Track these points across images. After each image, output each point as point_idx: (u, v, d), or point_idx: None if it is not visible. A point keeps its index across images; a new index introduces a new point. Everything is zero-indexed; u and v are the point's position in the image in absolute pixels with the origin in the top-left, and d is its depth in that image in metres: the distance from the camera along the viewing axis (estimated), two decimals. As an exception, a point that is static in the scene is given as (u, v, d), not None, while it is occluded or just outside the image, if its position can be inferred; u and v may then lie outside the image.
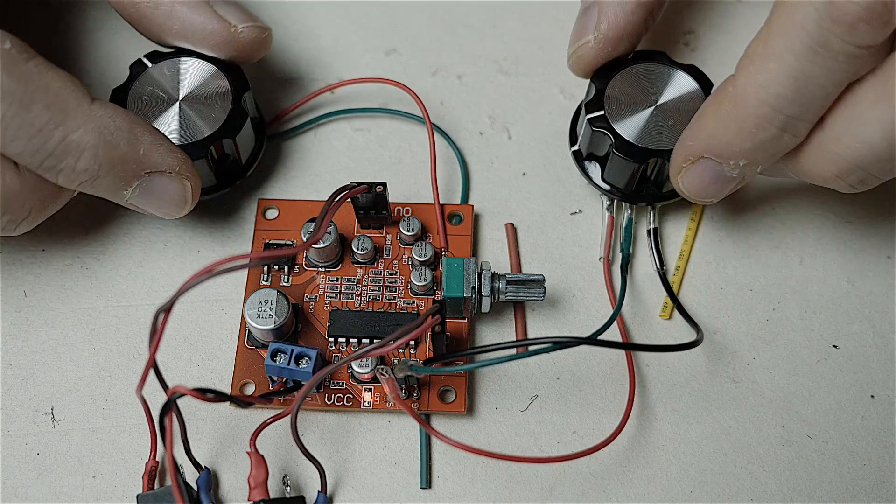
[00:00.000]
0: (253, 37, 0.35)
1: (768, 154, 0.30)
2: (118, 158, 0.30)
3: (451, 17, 0.42)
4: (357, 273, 0.35)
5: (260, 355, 0.33)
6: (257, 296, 0.32)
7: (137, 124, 0.31)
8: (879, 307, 0.36)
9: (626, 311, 0.35)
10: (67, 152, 0.29)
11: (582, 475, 0.32)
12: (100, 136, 0.30)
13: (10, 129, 0.28)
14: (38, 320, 0.35)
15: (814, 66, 0.27)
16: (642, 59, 0.35)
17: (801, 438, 0.33)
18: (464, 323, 0.34)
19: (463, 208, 0.37)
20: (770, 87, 0.28)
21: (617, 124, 0.34)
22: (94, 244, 0.36)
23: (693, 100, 0.34)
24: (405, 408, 0.29)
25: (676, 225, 0.37)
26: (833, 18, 0.26)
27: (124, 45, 0.40)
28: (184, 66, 0.35)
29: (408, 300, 0.34)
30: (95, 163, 0.30)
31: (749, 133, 0.29)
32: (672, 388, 0.34)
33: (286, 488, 0.32)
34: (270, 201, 0.37)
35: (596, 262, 0.36)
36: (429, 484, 0.32)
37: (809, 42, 0.27)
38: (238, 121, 0.34)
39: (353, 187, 0.32)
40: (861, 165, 0.29)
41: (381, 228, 0.36)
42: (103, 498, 0.32)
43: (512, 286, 0.33)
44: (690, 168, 0.32)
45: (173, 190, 0.32)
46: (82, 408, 0.33)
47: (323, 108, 0.39)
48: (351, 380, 0.33)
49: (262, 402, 0.31)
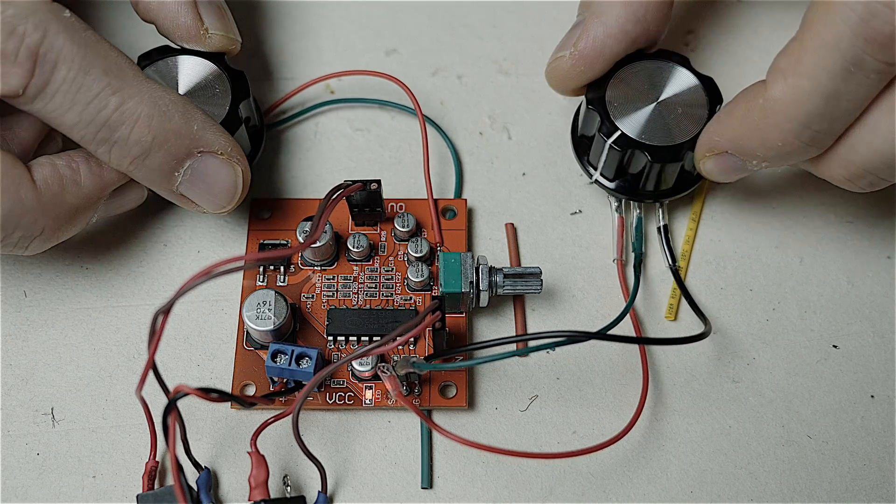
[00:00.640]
0: (220, 45, 0.35)
1: (790, 160, 0.31)
2: (172, 132, 0.30)
3: (451, 17, 0.42)
4: (353, 271, 0.35)
5: (259, 356, 0.33)
6: (255, 297, 0.32)
7: (190, 102, 0.31)
8: (879, 307, 0.36)
9: (633, 311, 0.35)
10: (122, 121, 0.29)
11: (582, 475, 0.32)
12: (154, 106, 0.30)
13: (68, 93, 0.28)
14: (38, 320, 0.35)
15: (847, 84, 0.28)
16: (661, 56, 0.35)
17: (801, 438, 0.33)
18: (462, 318, 0.34)
19: (456, 202, 0.37)
20: (802, 105, 0.29)
21: (618, 119, 0.34)
22: (94, 244, 0.36)
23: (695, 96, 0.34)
24: (407, 404, 0.29)
25: (676, 225, 0.37)
26: (867, 38, 0.27)
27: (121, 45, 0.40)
28: (184, 64, 0.35)
29: (405, 296, 0.34)
30: (149, 133, 0.30)
31: (775, 145, 0.30)
32: (672, 388, 0.34)
33: (287, 488, 0.32)
34: (263, 201, 0.37)
35: (596, 262, 0.36)
36: (430, 484, 0.32)
37: (844, 62, 0.27)
38: (231, 126, 0.34)
39: (348, 186, 0.32)
40: (871, 171, 0.30)
41: (375, 225, 0.36)
42: (103, 498, 0.32)
43: (509, 279, 0.33)
44: (713, 158, 0.33)
45: (225, 175, 0.32)
46: (82, 408, 0.33)
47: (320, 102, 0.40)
48: (352, 378, 0.33)
49: (265, 403, 0.31)
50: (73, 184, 0.31)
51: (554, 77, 0.35)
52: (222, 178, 0.32)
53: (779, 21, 0.41)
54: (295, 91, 0.38)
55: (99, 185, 0.31)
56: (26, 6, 0.27)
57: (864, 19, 0.27)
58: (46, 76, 0.28)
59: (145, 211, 0.36)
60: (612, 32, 0.33)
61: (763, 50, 0.41)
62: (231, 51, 0.35)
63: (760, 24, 0.42)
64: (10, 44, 0.27)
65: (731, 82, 0.36)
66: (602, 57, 0.34)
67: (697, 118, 0.34)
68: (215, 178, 0.32)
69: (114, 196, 0.33)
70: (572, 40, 0.34)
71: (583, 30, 0.34)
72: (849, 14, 0.27)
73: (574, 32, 0.35)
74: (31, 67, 0.28)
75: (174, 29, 0.34)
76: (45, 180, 0.30)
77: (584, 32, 0.34)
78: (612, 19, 0.33)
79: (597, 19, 0.34)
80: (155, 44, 0.35)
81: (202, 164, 0.31)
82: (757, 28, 0.42)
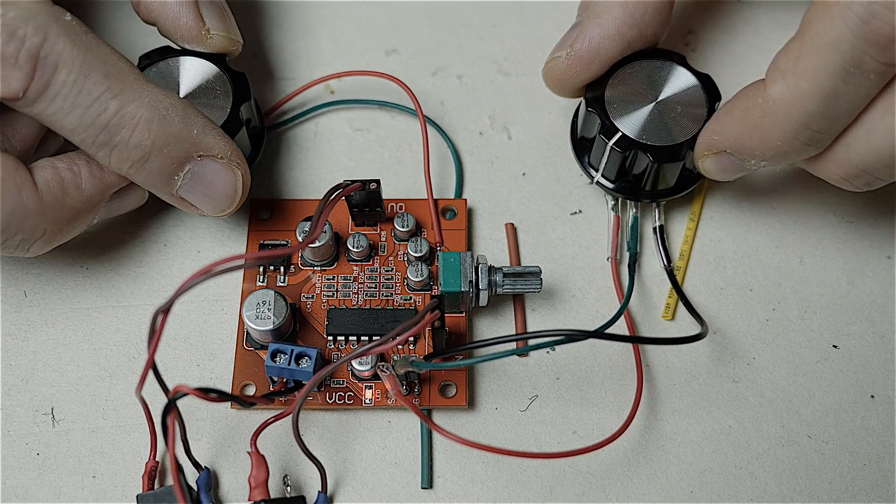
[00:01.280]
0: (221, 46, 0.35)
1: (788, 160, 0.31)
2: (172, 136, 0.30)
3: (451, 17, 0.42)
4: (353, 271, 0.35)
5: (259, 356, 0.33)
6: (255, 297, 0.32)
7: (190, 106, 0.31)
8: (879, 307, 0.36)
9: (630, 311, 0.35)
10: (122, 125, 0.29)
11: (582, 475, 0.32)
12: (154, 110, 0.30)
13: (69, 97, 0.28)
14: (38, 320, 0.35)
15: (846, 85, 0.28)
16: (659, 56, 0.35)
17: (801, 438, 0.33)
18: (461, 317, 0.34)
19: (456, 202, 0.37)
20: (801, 105, 0.29)
21: (617, 120, 0.34)
22: (94, 244, 0.36)
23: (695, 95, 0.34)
24: (407, 403, 0.29)
25: (676, 225, 0.37)
26: (867, 39, 0.27)
27: (122, 45, 0.40)
28: (185, 65, 0.35)
29: (405, 296, 0.34)
30: (149, 137, 0.30)
31: (774, 145, 0.30)
32: (672, 388, 0.34)
33: (286, 488, 0.32)
34: (263, 202, 0.37)
35: (596, 262, 0.36)
36: (430, 484, 0.32)
37: (843, 63, 0.28)
38: (232, 129, 0.34)
39: (347, 185, 0.32)
40: (868, 170, 0.30)
41: (375, 225, 0.36)
42: (103, 498, 0.32)
43: (509, 279, 0.33)
44: (712, 157, 0.33)
45: (224, 178, 0.32)
46: (82, 408, 0.33)
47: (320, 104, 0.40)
48: (351, 378, 0.33)
49: (264, 403, 0.31)
50: (75, 187, 0.31)
51: (550, 77, 0.36)
52: (222, 182, 0.32)
53: (779, 21, 0.41)
54: (295, 93, 0.39)
55: (100, 187, 0.31)
56: (27, 8, 0.27)
57: (863, 20, 0.27)
58: (47, 79, 0.28)
59: (145, 211, 0.36)
60: (609, 34, 0.34)
61: (763, 50, 0.40)
62: (232, 52, 0.35)
63: (760, 23, 0.42)
64: (10, 46, 0.27)
65: (731, 82, 0.36)
66: (598, 58, 0.34)
67: (697, 117, 0.34)
68: (215, 181, 0.32)
69: (114, 198, 0.33)
70: (569, 41, 0.34)
71: (580, 31, 0.34)
72: (848, 15, 0.27)
73: (571, 34, 0.35)
74: (32, 70, 0.28)
75: (175, 30, 0.34)
76: (46, 183, 0.30)
77: (580, 34, 0.34)
78: (609, 21, 0.34)
79: (594, 21, 0.34)
80: (156, 44, 0.35)
81: (202, 167, 0.31)
82: (757, 28, 0.42)
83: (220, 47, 0.35)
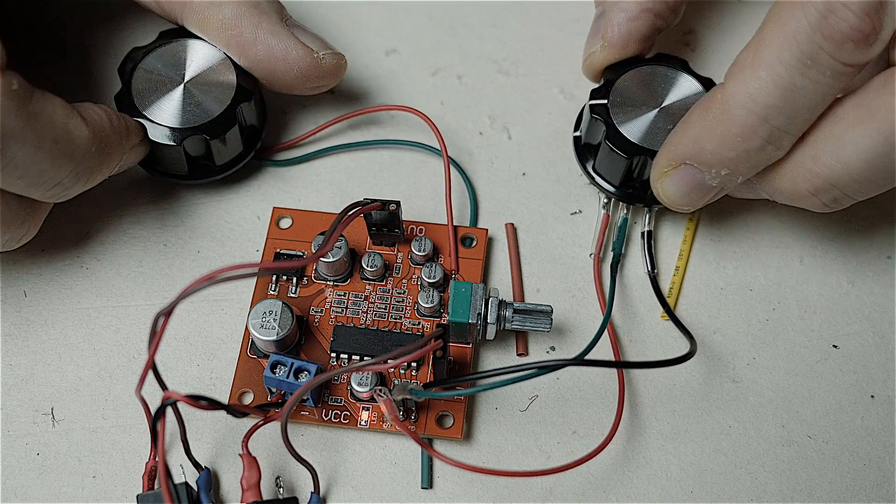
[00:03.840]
0: (334, 63, 0.35)
1: (750, 165, 0.30)
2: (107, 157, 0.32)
3: (451, 17, 0.42)
4: (365, 289, 0.34)
5: (261, 365, 0.33)
6: (262, 306, 0.32)
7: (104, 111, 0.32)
8: (879, 307, 0.36)
9: (623, 314, 0.35)
10: (78, 178, 0.31)
11: (582, 475, 0.32)
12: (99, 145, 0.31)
13: (19, 167, 0.29)
14: (38, 320, 0.35)
15: (803, 78, 0.28)
16: (663, 61, 0.35)
17: (801, 438, 0.33)
18: (468, 348, 0.34)
19: (477, 231, 0.36)
20: (758, 97, 0.29)
21: (617, 118, 0.34)
22: (94, 244, 0.36)
23: None
24: (403, 429, 0.29)
25: (675, 225, 0.37)
26: (824, 34, 0.27)
27: (127, 42, 0.40)
28: (194, 49, 0.35)
29: (413, 321, 0.34)
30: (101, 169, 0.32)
31: (734, 142, 0.30)
32: (672, 388, 0.34)
33: (279, 490, 0.32)
34: (285, 210, 0.36)
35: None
36: (430, 484, 0.32)
37: (800, 54, 0.28)
38: (224, 124, 0.34)
39: (367, 204, 0.32)
40: (836, 185, 0.30)
41: (392, 246, 0.35)
42: (103, 498, 0.32)
43: (518, 315, 0.32)
44: (672, 173, 0.32)
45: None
46: (82, 408, 0.33)
47: (334, 136, 0.39)
48: (350, 397, 0.33)
49: (257, 413, 0.31)
50: (109, 124, 0.32)
51: (591, 72, 0.36)
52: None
53: (779, 21, 0.41)
54: (310, 133, 0.38)
55: (124, 127, 0.33)
56: None
57: (822, 15, 0.27)
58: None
59: (145, 211, 0.36)
60: (634, 14, 0.34)
61: (763, 50, 0.40)
62: (342, 68, 0.36)
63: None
64: None
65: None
66: (632, 40, 0.35)
67: None
68: None
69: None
70: (599, 33, 0.35)
71: (606, 20, 0.35)
72: (809, 9, 0.27)
73: (598, 25, 0.35)
74: None
75: (291, 65, 0.34)
76: (91, 118, 0.31)
77: (608, 23, 0.35)
78: (630, 3, 0.34)
79: (616, 7, 0.34)
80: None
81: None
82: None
83: (333, 65, 0.35)
